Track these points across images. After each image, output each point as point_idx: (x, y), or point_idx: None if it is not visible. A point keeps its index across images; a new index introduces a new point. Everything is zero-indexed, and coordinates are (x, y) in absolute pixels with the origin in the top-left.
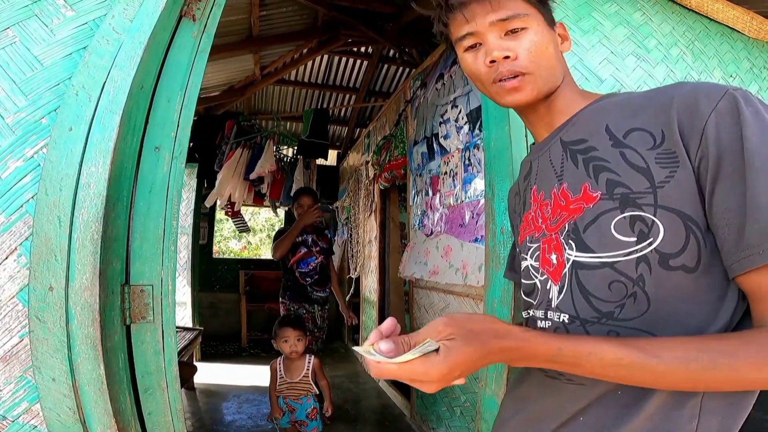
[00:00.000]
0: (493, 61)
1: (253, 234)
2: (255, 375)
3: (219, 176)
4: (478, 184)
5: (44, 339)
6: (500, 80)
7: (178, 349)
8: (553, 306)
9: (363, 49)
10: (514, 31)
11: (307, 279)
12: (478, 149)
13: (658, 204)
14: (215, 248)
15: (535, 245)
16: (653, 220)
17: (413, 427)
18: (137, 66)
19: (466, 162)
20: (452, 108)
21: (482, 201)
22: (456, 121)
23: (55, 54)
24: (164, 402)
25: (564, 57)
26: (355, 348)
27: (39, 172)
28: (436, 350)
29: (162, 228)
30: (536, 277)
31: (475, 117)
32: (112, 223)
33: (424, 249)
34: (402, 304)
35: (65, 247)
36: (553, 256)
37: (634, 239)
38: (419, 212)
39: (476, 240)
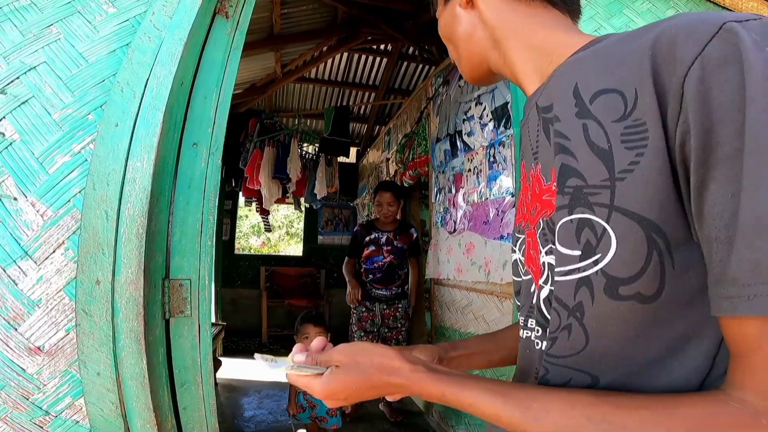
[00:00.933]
0: None
1: (272, 230)
2: (274, 371)
3: (262, 180)
4: (504, 181)
5: (90, 333)
6: None
7: None
8: (534, 314)
9: (382, 46)
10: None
11: (369, 276)
12: (503, 146)
13: (614, 204)
14: (237, 245)
15: (522, 237)
16: (604, 228)
17: (432, 425)
18: (178, 62)
19: (491, 159)
20: (476, 105)
21: (508, 198)
22: (480, 118)
23: (100, 50)
24: (199, 397)
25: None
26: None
27: (86, 167)
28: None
29: (200, 223)
30: (522, 275)
31: (500, 114)
32: (156, 217)
33: (446, 246)
34: (422, 301)
35: (112, 241)
36: (534, 254)
37: (578, 253)
38: (442, 209)
39: (501, 237)
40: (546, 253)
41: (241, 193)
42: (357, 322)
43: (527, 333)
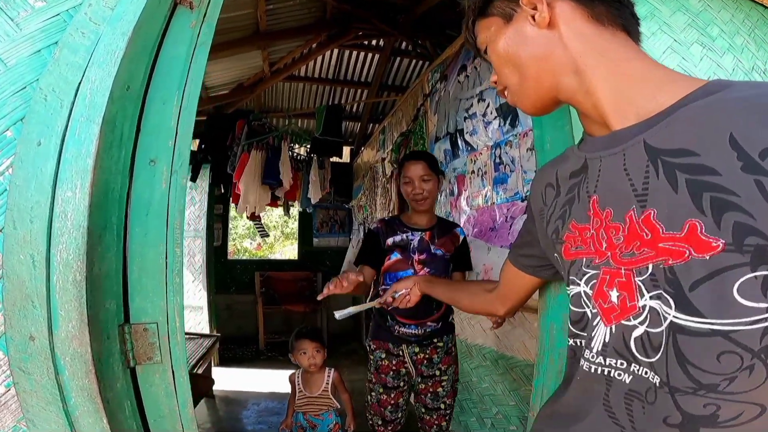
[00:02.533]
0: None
1: (268, 229)
2: (273, 380)
3: (241, 186)
4: (512, 185)
5: (32, 391)
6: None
7: (197, 358)
8: (596, 350)
9: (374, 42)
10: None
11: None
12: (510, 146)
13: None
14: (230, 249)
15: (593, 272)
16: None
17: None
18: (119, 62)
19: (497, 160)
20: (479, 102)
21: (518, 204)
22: (484, 115)
23: (21, 52)
24: None
25: (573, 36)
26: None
27: (5, 199)
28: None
29: (163, 257)
30: (587, 307)
31: (506, 111)
32: (100, 259)
33: None
34: None
35: (43, 291)
36: (614, 294)
37: (765, 305)
38: (443, 213)
39: (510, 246)
40: (652, 298)
41: (231, 200)
42: (374, 372)
43: (598, 367)
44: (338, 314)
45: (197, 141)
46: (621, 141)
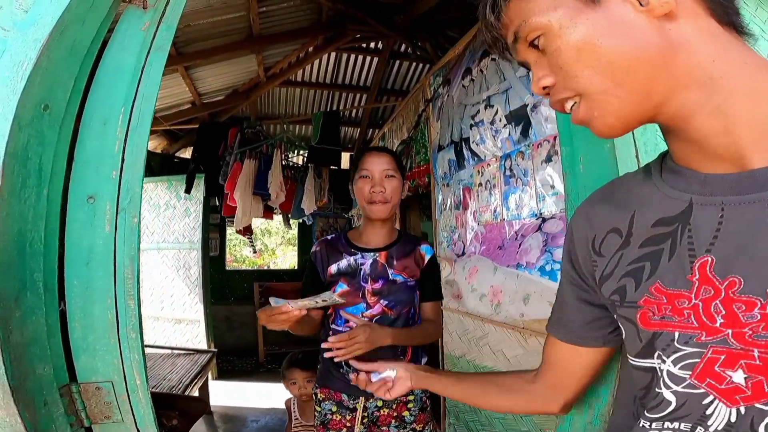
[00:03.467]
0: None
1: (269, 235)
2: (273, 394)
3: (236, 197)
4: (524, 200)
5: None
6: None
7: (191, 376)
8: (719, 429)
9: (372, 44)
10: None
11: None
12: (522, 157)
13: None
14: (229, 257)
15: (693, 350)
16: None
17: None
18: (28, 75)
19: (507, 172)
20: (486, 108)
21: (530, 221)
22: (492, 123)
23: None
24: None
25: (683, 24)
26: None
27: None
28: None
29: (113, 312)
30: (673, 386)
31: (517, 118)
32: (18, 325)
33: (450, 269)
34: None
35: None
36: (738, 375)
37: None
38: (448, 228)
39: (518, 266)
40: None
41: (221, 212)
42: (320, 428)
43: None
44: (292, 303)
45: (190, 150)
46: (765, 185)
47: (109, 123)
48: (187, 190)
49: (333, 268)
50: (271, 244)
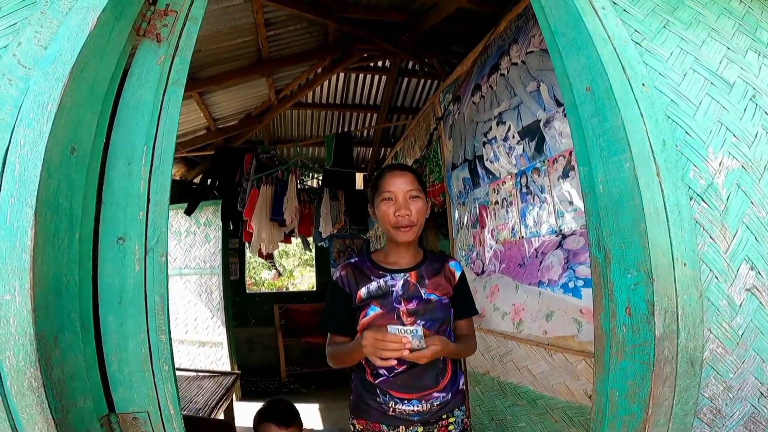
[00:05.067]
0: None
1: (287, 257)
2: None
3: (254, 224)
4: (542, 217)
5: None
6: None
7: (216, 399)
8: None
9: (380, 63)
10: None
11: (379, 375)
12: (538, 174)
13: None
14: (249, 281)
15: None
16: None
17: None
18: (54, 117)
19: (523, 189)
20: (498, 125)
21: (551, 238)
22: (505, 140)
23: None
24: None
25: None
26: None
27: None
28: None
29: (146, 346)
30: None
31: (530, 134)
32: (58, 363)
33: (471, 288)
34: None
35: None
36: None
37: None
38: (466, 247)
39: (540, 284)
40: None
41: (242, 238)
42: None
43: None
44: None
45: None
46: None
47: (134, 162)
48: (187, 212)
49: (363, 292)
50: (289, 265)
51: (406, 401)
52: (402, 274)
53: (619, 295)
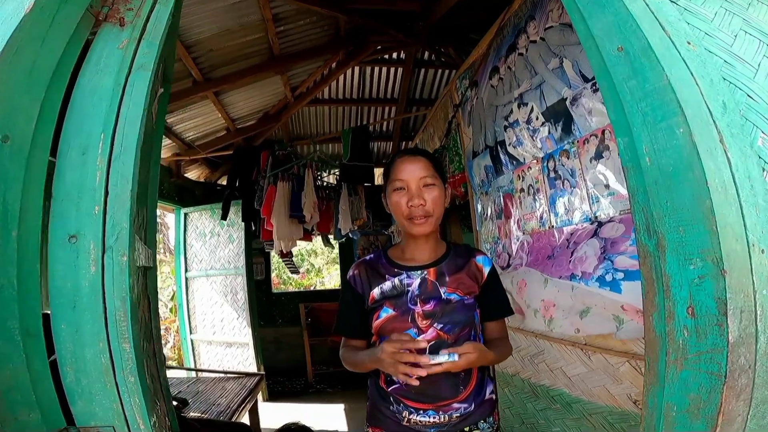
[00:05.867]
0: None
1: (315, 255)
2: (322, 415)
3: (273, 221)
4: (575, 203)
5: None
6: None
7: (239, 401)
8: None
9: (395, 55)
10: None
11: (395, 379)
12: (567, 157)
13: None
14: (276, 281)
15: None
16: None
17: None
18: None
19: (551, 174)
20: (520, 107)
21: (585, 226)
22: (528, 122)
23: None
24: None
25: None
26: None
27: None
28: None
29: (106, 355)
30: None
31: (555, 114)
32: None
33: None
34: None
35: None
36: None
37: None
38: (490, 239)
39: (573, 277)
40: None
41: (260, 237)
42: None
43: None
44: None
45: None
46: None
47: (89, 152)
48: (223, 217)
49: (376, 292)
50: (318, 263)
51: (421, 412)
52: (419, 272)
53: (677, 292)
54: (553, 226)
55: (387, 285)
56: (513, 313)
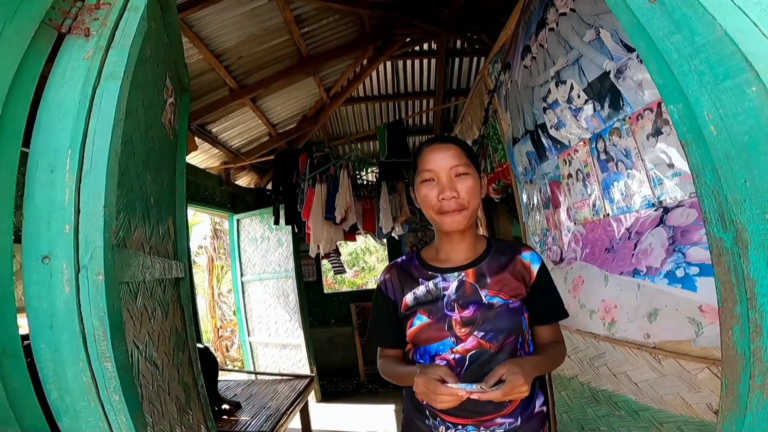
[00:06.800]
0: None
1: (369, 254)
2: (373, 416)
3: (311, 224)
4: (632, 187)
5: None
6: None
7: (289, 402)
8: None
9: (426, 46)
10: None
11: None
12: (618, 135)
13: None
14: (328, 281)
15: None
16: None
17: None
18: None
19: (602, 156)
20: (558, 86)
21: (646, 212)
22: (569, 101)
23: None
24: None
25: None
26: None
27: None
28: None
29: (88, 374)
30: None
31: (599, 90)
32: None
33: None
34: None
35: None
36: None
37: None
38: (539, 231)
39: (636, 273)
40: None
41: (306, 240)
42: None
43: None
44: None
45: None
46: None
47: (57, 169)
48: (276, 221)
49: (409, 298)
50: (372, 261)
51: (459, 427)
52: (456, 274)
53: (765, 300)
54: (608, 215)
55: (421, 289)
56: (567, 316)
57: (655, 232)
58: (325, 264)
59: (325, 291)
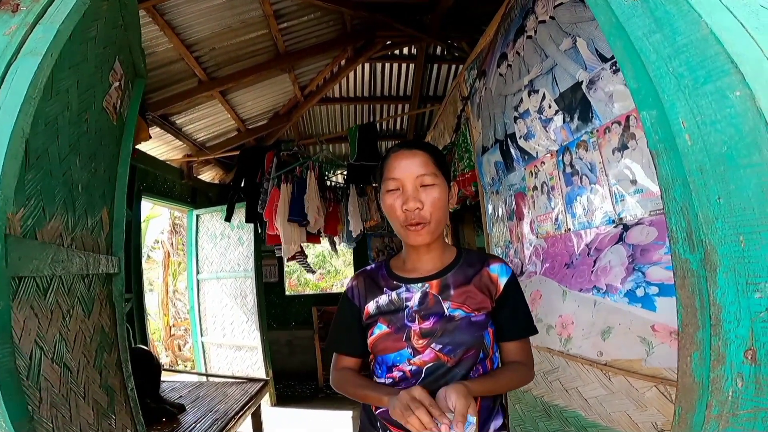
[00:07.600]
0: None
1: (337, 257)
2: (329, 423)
3: (278, 225)
4: (595, 202)
5: None
6: None
7: (239, 405)
8: None
9: (406, 50)
10: None
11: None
12: (585, 149)
13: None
14: (291, 283)
15: None
16: None
17: None
18: None
19: (567, 169)
20: (530, 95)
21: (605, 229)
22: (539, 111)
23: None
24: None
25: None
26: None
27: None
28: None
29: None
30: None
31: (570, 101)
32: None
33: None
34: None
35: None
36: None
37: None
38: (501, 242)
39: (596, 290)
40: None
41: (265, 241)
42: None
43: None
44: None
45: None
46: None
47: None
48: (227, 218)
49: (371, 307)
50: (338, 265)
51: None
52: (420, 285)
53: (732, 328)
54: (569, 229)
55: (383, 299)
56: (536, 332)
57: (614, 250)
58: (292, 265)
59: (287, 293)
